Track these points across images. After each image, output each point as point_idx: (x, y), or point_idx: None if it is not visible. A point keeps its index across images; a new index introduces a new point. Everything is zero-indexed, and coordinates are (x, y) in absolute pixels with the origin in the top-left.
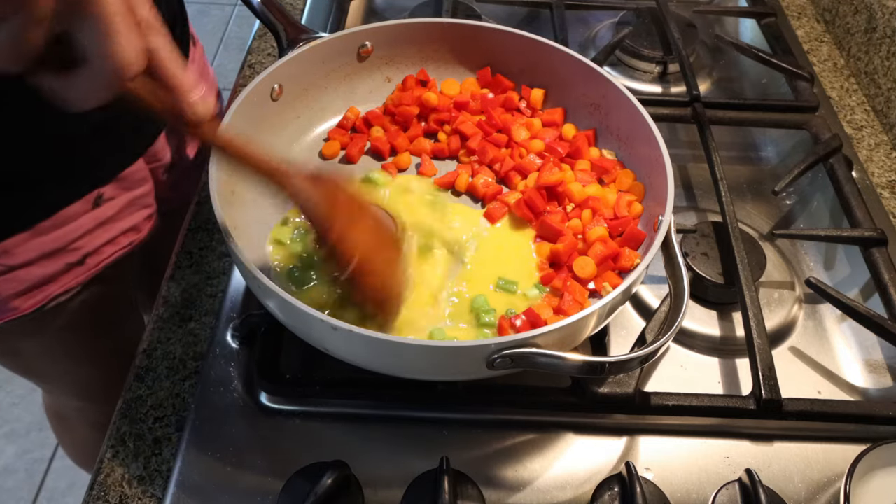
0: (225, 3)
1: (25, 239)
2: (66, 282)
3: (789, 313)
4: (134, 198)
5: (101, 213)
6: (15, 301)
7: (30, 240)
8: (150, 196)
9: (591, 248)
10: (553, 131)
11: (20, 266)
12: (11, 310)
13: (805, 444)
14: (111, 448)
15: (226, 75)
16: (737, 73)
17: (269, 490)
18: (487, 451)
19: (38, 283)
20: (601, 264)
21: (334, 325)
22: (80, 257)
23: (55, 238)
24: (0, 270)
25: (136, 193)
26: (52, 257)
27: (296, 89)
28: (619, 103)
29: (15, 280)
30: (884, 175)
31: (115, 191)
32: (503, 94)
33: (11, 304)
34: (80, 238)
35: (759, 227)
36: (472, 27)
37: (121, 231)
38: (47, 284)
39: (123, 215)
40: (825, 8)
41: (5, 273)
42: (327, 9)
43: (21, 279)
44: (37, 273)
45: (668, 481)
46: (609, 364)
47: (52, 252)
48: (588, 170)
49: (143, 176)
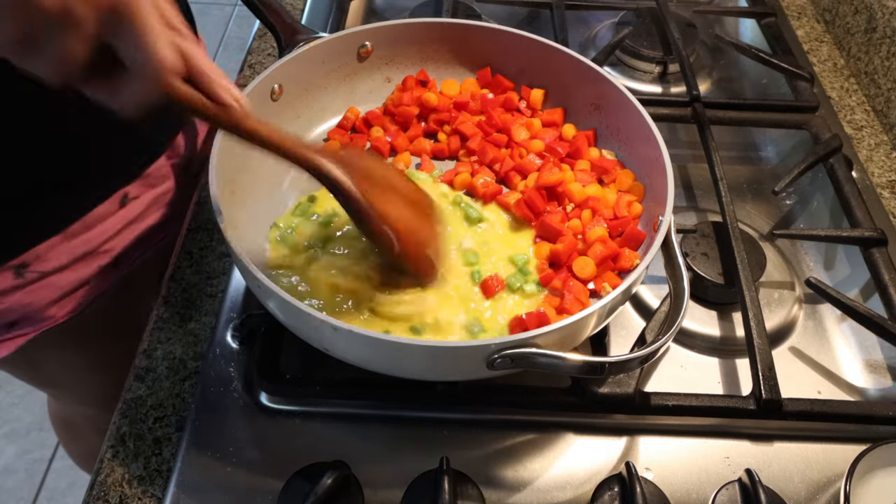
0: (225, 3)
1: (56, 243)
2: (98, 287)
3: (789, 313)
4: (157, 195)
5: (128, 213)
6: (51, 309)
7: (61, 243)
8: (172, 193)
9: (591, 249)
10: (553, 131)
11: (53, 271)
12: (48, 318)
13: (805, 444)
14: (111, 448)
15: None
16: (737, 74)
17: (269, 490)
18: (487, 451)
19: (72, 289)
20: (601, 265)
21: (334, 325)
22: (111, 259)
23: (85, 241)
24: (34, 278)
25: (160, 191)
26: (83, 260)
27: (296, 89)
28: (619, 103)
29: (50, 287)
30: (884, 175)
31: (140, 189)
32: (503, 94)
33: (48, 313)
34: (110, 239)
35: (759, 227)
36: (473, 27)
37: (147, 229)
38: (80, 288)
39: (149, 213)
40: (825, 8)
41: (39, 280)
42: (327, 9)
43: (56, 285)
44: (71, 278)
45: (668, 481)
46: (609, 364)
47: (83, 255)
48: (588, 170)
49: (165, 172)
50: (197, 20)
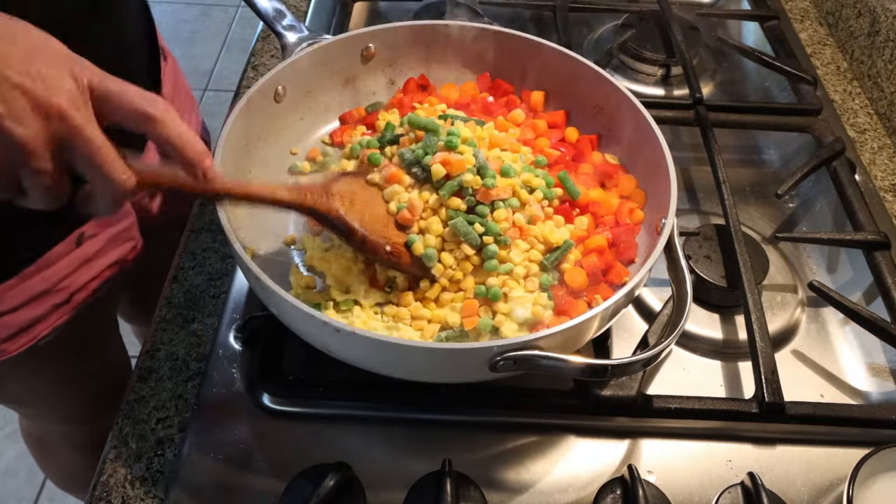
0: (228, 5)
1: (12, 285)
2: (53, 321)
3: (792, 316)
4: (116, 233)
5: (84, 252)
6: (3, 345)
7: (16, 285)
8: (133, 229)
9: (587, 258)
10: (557, 132)
11: (8, 312)
12: (1, 353)
13: (808, 448)
14: (114, 448)
15: (229, 77)
16: (740, 76)
17: (272, 491)
18: (490, 453)
19: (26, 326)
20: (591, 275)
21: (337, 326)
22: (66, 296)
23: (41, 280)
24: None
25: (118, 228)
26: (39, 299)
27: (299, 91)
28: (622, 106)
29: (3, 326)
30: (887, 178)
31: (97, 228)
32: (503, 97)
33: (0, 348)
34: (66, 278)
35: (762, 230)
36: (476, 29)
37: (105, 266)
38: (35, 325)
39: (107, 250)
40: (828, 11)
41: None
42: (331, 11)
43: (9, 324)
44: (25, 316)
45: (671, 484)
46: (612, 367)
47: (38, 294)
48: (591, 174)
49: (124, 210)
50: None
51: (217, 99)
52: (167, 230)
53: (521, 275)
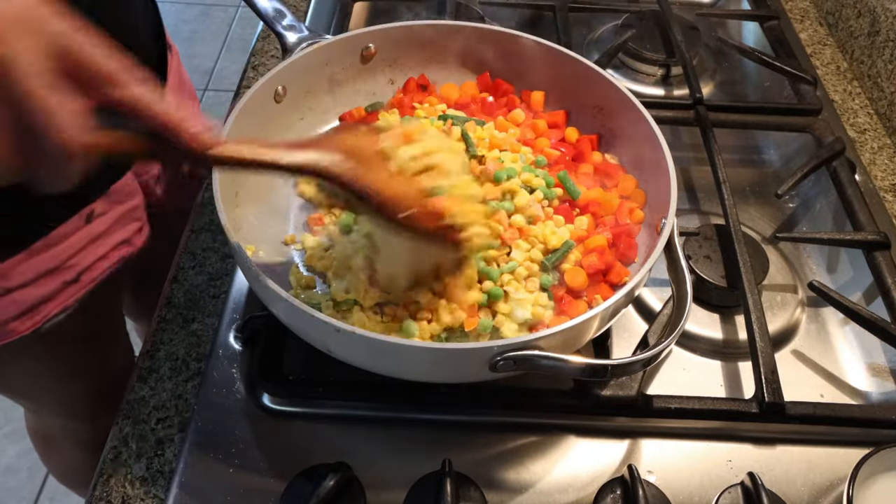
0: (228, 5)
1: (21, 260)
2: (62, 300)
3: (792, 316)
4: (125, 211)
5: (94, 229)
6: (13, 324)
7: (26, 260)
8: (141, 209)
9: (587, 258)
10: (557, 132)
11: (17, 287)
12: (8, 333)
13: (808, 448)
14: (114, 448)
15: (229, 77)
16: (740, 76)
17: (272, 491)
18: (490, 453)
19: (35, 304)
20: (591, 275)
21: (337, 326)
22: (75, 275)
23: (50, 257)
24: None
25: (127, 206)
26: (48, 276)
27: (299, 91)
28: (622, 106)
29: (13, 302)
30: (887, 178)
31: (106, 205)
32: (503, 97)
33: (9, 327)
34: (75, 255)
35: (762, 230)
36: (476, 29)
37: (113, 245)
38: (44, 304)
39: (115, 229)
40: (828, 11)
41: (3, 296)
42: (331, 10)
43: (19, 301)
44: (34, 293)
45: (671, 484)
46: (612, 367)
47: (47, 271)
48: (591, 174)
49: (132, 189)
50: (200, 22)
51: (217, 99)
52: (173, 220)
53: (522, 275)
